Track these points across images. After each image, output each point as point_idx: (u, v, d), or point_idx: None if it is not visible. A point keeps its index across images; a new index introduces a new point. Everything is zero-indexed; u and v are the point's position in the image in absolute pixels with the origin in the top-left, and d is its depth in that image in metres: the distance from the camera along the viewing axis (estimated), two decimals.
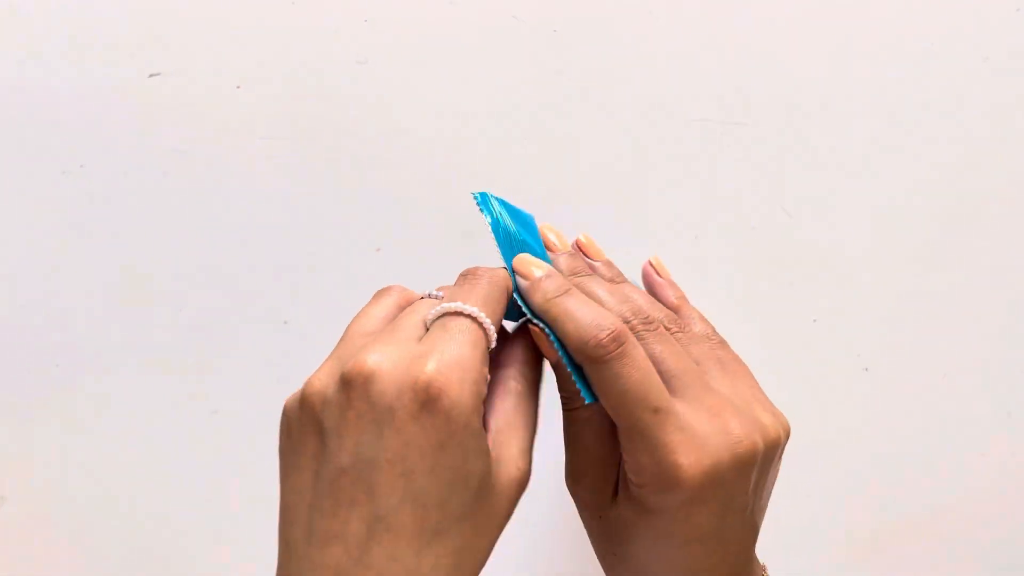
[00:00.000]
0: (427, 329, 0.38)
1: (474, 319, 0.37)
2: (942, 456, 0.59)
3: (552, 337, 0.39)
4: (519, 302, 0.40)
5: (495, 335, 0.38)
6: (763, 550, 0.42)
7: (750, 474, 0.39)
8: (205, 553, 0.55)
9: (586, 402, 0.39)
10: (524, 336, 0.41)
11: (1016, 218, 0.58)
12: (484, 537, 0.37)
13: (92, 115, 0.53)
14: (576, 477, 0.42)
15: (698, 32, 0.56)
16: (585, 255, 0.46)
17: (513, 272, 0.41)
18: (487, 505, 0.36)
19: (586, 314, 0.39)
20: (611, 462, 0.41)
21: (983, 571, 0.60)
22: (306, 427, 0.36)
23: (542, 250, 0.44)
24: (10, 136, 0.53)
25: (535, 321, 0.40)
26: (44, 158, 0.53)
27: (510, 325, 0.42)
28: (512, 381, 0.40)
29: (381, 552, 0.34)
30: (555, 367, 0.41)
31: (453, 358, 0.35)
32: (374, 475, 0.34)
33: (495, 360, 0.40)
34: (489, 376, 0.38)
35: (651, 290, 0.47)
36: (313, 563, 0.35)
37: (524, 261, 0.42)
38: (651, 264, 0.48)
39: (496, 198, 0.44)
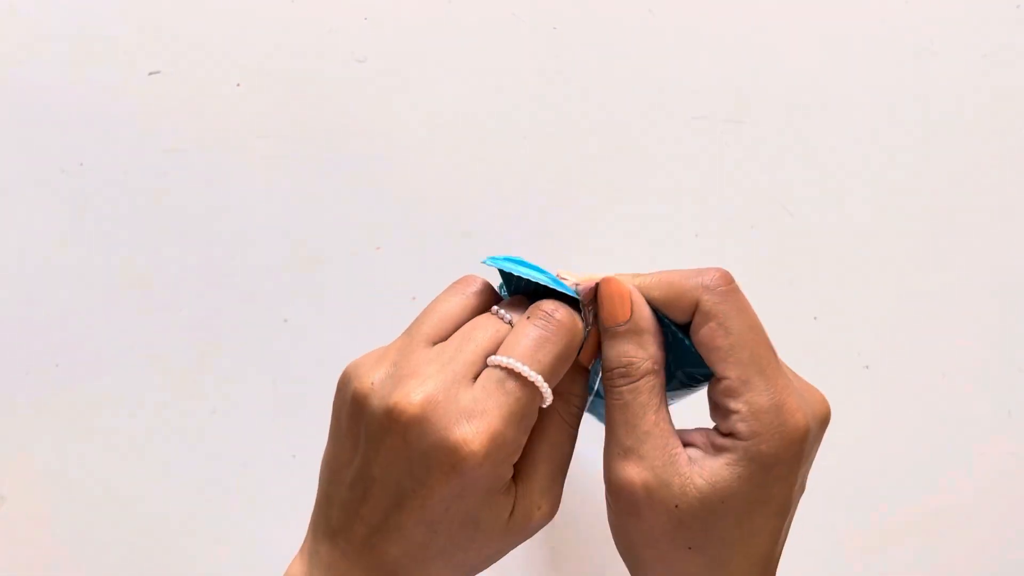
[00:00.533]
0: (485, 365, 0.37)
1: (536, 388, 0.36)
2: (942, 456, 0.59)
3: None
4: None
5: (550, 399, 0.37)
6: None
7: (821, 436, 0.39)
8: (205, 553, 0.55)
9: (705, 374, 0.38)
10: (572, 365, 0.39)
11: (1016, 218, 0.58)
12: (491, 555, 0.38)
13: (91, 114, 0.53)
14: (638, 454, 0.37)
15: (698, 32, 0.56)
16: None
17: (570, 287, 0.39)
18: (498, 539, 0.38)
19: (679, 270, 0.38)
20: (675, 436, 0.38)
21: (983, 571, 0.60)
22: (351, 411, 0.37)
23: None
24: (10, 135, 0.53)
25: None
26: (44, 157, 0.53)
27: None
28: (556, 412, 0.39)
29: (390, 548, 0.37)
30: (605, 336, 0.39)
31: (496, 430, 0.35)
32: (397, 497, 0.36)
33: None
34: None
35: None
36: (359, 515, 0.37)
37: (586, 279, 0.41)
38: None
39: (496, 261, 0.41)
